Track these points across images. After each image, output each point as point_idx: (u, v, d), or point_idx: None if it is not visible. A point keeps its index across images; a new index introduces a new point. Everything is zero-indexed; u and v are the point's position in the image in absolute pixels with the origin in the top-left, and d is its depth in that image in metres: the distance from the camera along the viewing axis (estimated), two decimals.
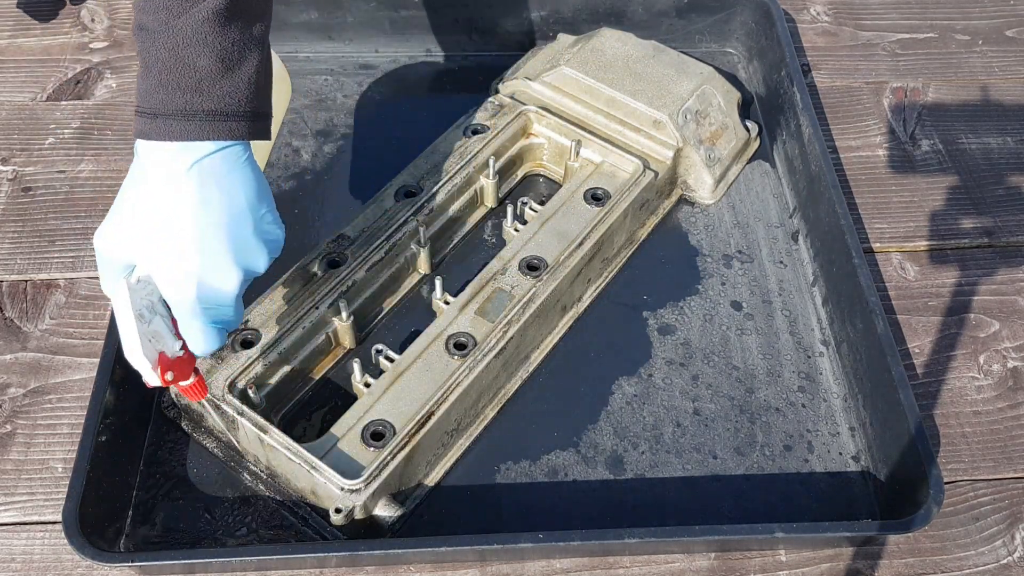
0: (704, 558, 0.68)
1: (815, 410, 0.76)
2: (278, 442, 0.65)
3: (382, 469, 0.64)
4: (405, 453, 0.65)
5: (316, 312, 0.73)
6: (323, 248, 0.77)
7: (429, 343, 0.72)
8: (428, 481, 0.70)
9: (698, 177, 0.89)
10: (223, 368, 0.69)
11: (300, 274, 0.75)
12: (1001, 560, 0.69)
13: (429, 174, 0.83)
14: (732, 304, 0.82)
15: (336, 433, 0.66)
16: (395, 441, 0.65)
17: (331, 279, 0.74)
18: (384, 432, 0.66)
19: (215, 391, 0.68)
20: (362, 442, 0.66)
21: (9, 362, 0.77)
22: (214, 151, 0.56)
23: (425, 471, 0.70)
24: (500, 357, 0.72)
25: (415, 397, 0.68)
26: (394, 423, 0.67)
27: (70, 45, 1.03)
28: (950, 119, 1.00)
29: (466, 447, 0.72)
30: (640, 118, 0.87)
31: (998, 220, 0.90)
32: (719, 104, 0.90)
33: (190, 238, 0.55)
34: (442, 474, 0.71)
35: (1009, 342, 0.81)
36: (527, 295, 0.74)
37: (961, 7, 1.13)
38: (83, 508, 0.61)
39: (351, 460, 0.65)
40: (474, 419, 0.73)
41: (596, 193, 0.83)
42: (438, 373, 0.70)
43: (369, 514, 0.64)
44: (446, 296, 0.76)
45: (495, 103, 0.90)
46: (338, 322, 0.74)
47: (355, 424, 0.67)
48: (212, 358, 0.69)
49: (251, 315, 0.72)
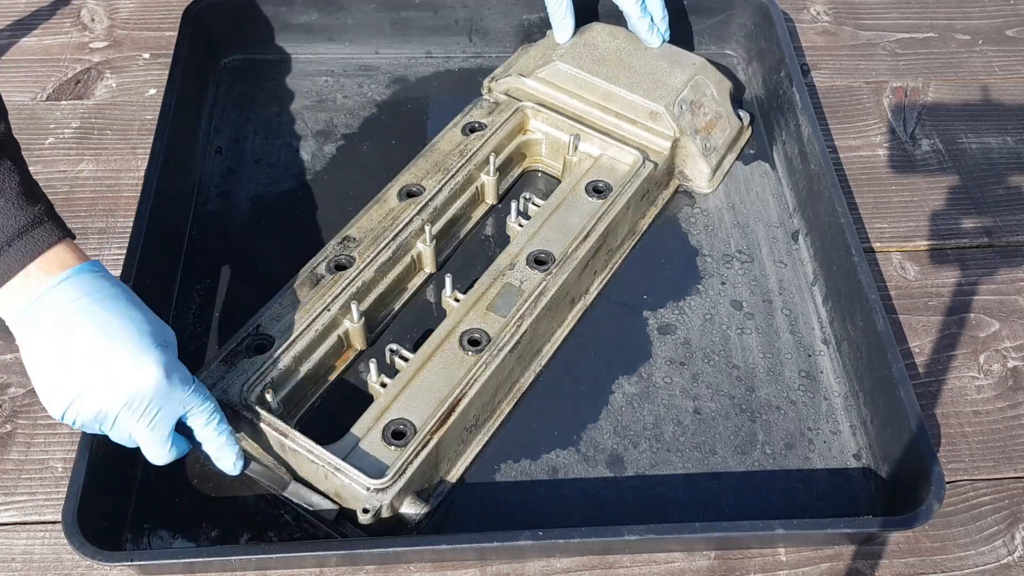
0: (704, 558, 0.68)
1: (816, 408, 0.76)
2: (300, 445, 0.64)
3: (407, 467, 0.64)
4: (428, 450, 0.65)
5: (328, 314, 0.73)
6: (330, 250, 0.77)
7: (443, 340, 0.72)
8: (450, 477, 0.70)
9: (695, 167, 0.89)
10: (237, 374, 0.69)
11: (308, 277, 0.75)
12: (1001, 560, 0.69)
13: (430, 173, 0.83)
14: (732, 303, 0.82)
15: (357, 434, 0.66)
16: (417, 439, 0.65)
17: (340, 281, 0.74)
18: (405, 431, 0.66)
19: (232, 397, 0.67)
20: (383, 441, 0.66)
21: (9, 362, 0.77)
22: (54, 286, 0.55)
23: (447, 468, 0.70)
24: (515, 351, 0.72)
25: (433, 394, 0.68)
26: (414, 421, 0.67)
27: (70, 45, 1.03)
28: (950, 119, 1.00)
29: (485, 442, 0.72)
30: (636, 110, 0.88)
31: (998, 220, 0.90)
32: (712, 94, 0.91)
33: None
34: (463, 470, 0.71)
35: (1009, 342, 0.81)
36: (537, 289, 0.74)
37: (961, 7, 1.13)
38: (83, 507, 0.61)
39: (375, 460, 0.65)
40: (491, 414, 0.73)
41: (598, 186, 0.83)
42: (454, 370, 0.70)
43: (395, 513, 0.64)
44: (456, 293, 0.76)
45: (491, 100, 0.90)
46: (349, 323, 0.74)
47: (375, 424, 0.67)
48: (224, 364, 0.69)
49: (262, 319, 0.72)
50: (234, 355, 0.70)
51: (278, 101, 0.97)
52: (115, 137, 0.94)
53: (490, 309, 0.74)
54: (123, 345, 0.55)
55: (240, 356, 0.70)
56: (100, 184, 0.89)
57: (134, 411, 0.56)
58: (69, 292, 0.55)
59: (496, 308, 0.74)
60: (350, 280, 0.75)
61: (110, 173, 0.90)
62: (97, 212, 0.87)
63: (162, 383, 0.56)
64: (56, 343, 0.55)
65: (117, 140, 0.93)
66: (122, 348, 0.55)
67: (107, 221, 0.86)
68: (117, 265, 0.75)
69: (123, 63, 1.01)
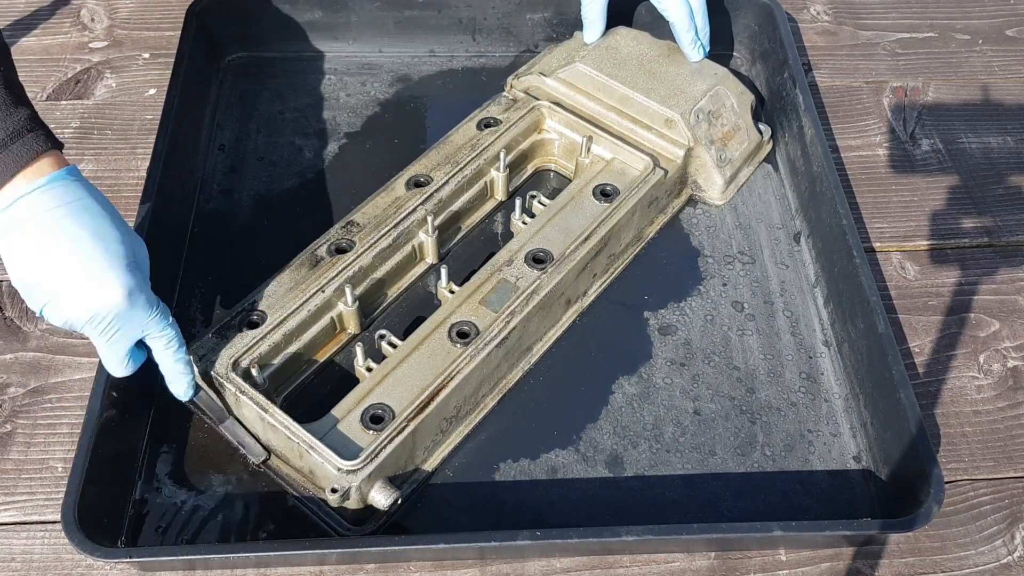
0: (704, 558, 0.68)
1: (816, 410, 0.76)
2: (278, 421, 0.66)
3: (379, 451, 0.65)
4: (403, 437, 0.66)
5: (322, 295, 0.73)
6: (333, 233, 0.78)
7: (432, 330, 0.72)
8: (426, 466, 0.70)
9: (708, 177, 0.89)
10: (227, 347, 0.70)
11: (308, 259, 0.76)
12: (1001, 560, 0.69)
13: (440, 165, 0.84)
14: (733, 304, 0.82)
15: (336, 415, 0.67)
16: (394, 424, 0.66)
17: (338, 264, 0.75)
18: (383, 415, 0.67)
19: (219, 368, 0.68)
20: (361, 424, 0.66)
21: (9, 362, 0.77)
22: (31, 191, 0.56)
23: (423, 456, 0.70)
24: (502, 347, 0.72)
25: (415, 382, 0.69)
26: (394, 407, 0.67)
27: (70, 45, 1.03)
28: (950, 118, 1.00)
29: (465, 434, 0.72)
30: (652, 116, 0.87)
31: (998, 220, 0.90)
32: (732, 105, 0.90)
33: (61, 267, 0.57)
34: (440, 460, 0.71)
35: (1009, 341, 0.81)
36: (531, 287, 0.75)
37: (961, 6, 1.13)
38: (82, 505, 0.61)
39: (350, 441, 0.66)
40: (474, 407, 0.73)
41: (605, 189, 0.83)
42: (439, 360, 0.70)
43: (364, 496, 0.65)
44: (451, 285, 0.77)
45: (509, 98, 0.91)
46: (343, 306, 0.75)
47: (355, 407, 0.68)
48: (217, 336, 0.70)
49: (258, 296, 0.73)
50: (227, 328, 0.71)
51: (281, 99, 0.97)
52: (115, 137, 0.94)
53: (483, 303, 0.74)
54: (91, 263, 0.57)
55: (232, 330, 0.71)
56: (100, 184, 0.89)
57: (95, 326, 0.59)
58: (45, 200, 0.56)
59: (489, 303, 0.74)
60: (347, 264, 0.75)
61: (110, 173, 0.90)
62: None
63: (123, 305, 0.58)
64: (30, 252, 0.56)
65: (117, 140, 0.93)
66: (90, 265, 0.57)
67: None
68: None
69: (123, 63, 1.01)
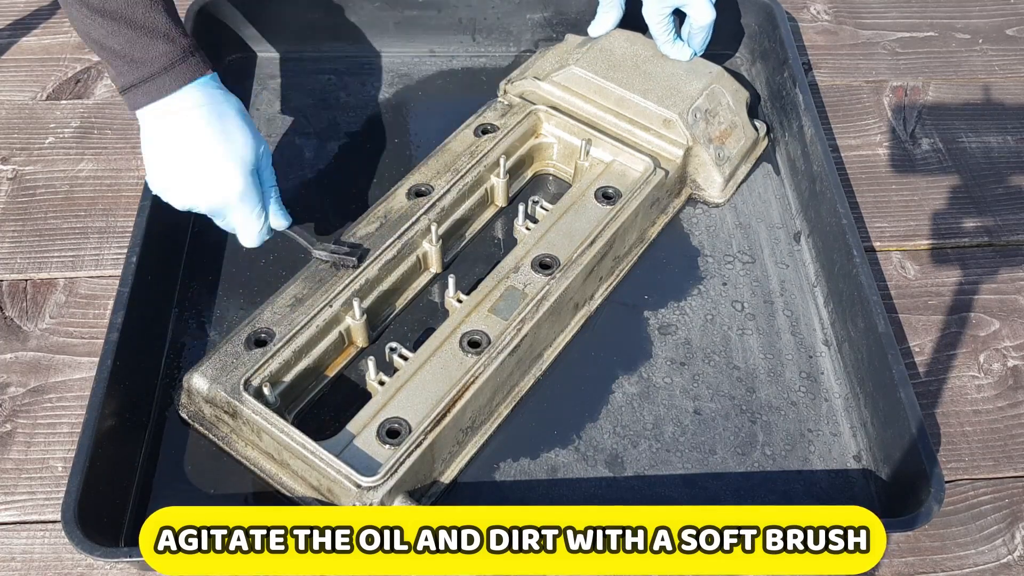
0: None
1: (816, 409, 0.76)
2: (295, 440, 0.65)
3: (399, 466, 0.64)
4: (422, 450, 0.65)
5: (329, 310, 0.73)
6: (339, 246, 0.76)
7: (443, 341, 0.72)
8: (443, 479, 0.70)
9: (708, 176, 0.89)
10: (237, 367, 0.69)
11: (313, 273, 0.75)
12: (1001, 559, 0.69)
13: (440, 173, 0.83)
14: (733, 304, 0.82)
15: (352, 431, 0.66)
16: (411, 438, 0.65)
17: (344, 277, 0.75)
18: (400, 429, 0.66)
19: (230, 390, 0.67)
20: (378, 439, 0.66)
21: (9, 361, 0.77)
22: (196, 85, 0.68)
23: (441, 469, 0.70)
24: (514, 355, 0.72)
25: (430, 394, 0.68)
26: (410, 420, 0.67)
27: (70, 44, 1.03)
28: (950, 118, 1.00)
29: (481, 444, 0.72)
30: (650, 117, 0.87)
31: (998, 219, 0.90)
32: (728, 103, 0.90)
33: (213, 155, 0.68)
34: (457, 472, 0.71)
35: (1009, 341, 0.81)
36: (540, 293, 0.74)
37: (961, 6, 1.13)
38: (82, 504, 0.61)
39: (368, 457, 0.65)
40: (488, 416, 0.73)
41: (607, 192, 0.83)
42: (453, 371, 0.70)
43: None
44: (459, 294, 0.76)
45: (504, 103, 0.90)
46: (351, 320, 0.74)
47: (370, 422, 0.67)
48: (224, 356, 0.70)
49: (264, 314, 0.72)
50: (234, 348, 0.70)
51: (281, 99, 0.97)
52: (115, 136, 0.94)
53: (492, 311, 0.73)
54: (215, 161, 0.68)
55: (240, 349, 0.70)
56: (100, 183, 0.89)
57: (215, 215, 0.72)
58: (193, 97, 0.67)
59: (498, 311, 0.73)
60: (353, 277, 0.75)
61: (110, 172, 0.90)
62: (97, 211, 0.87)
63: (235, 198, 0.70)
64: (168, 140, 0.68)
65: (117, 139, 0.93)
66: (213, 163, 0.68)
67: (107, 220, 0.86)
68: (118, 264, 0.75)
69: None
